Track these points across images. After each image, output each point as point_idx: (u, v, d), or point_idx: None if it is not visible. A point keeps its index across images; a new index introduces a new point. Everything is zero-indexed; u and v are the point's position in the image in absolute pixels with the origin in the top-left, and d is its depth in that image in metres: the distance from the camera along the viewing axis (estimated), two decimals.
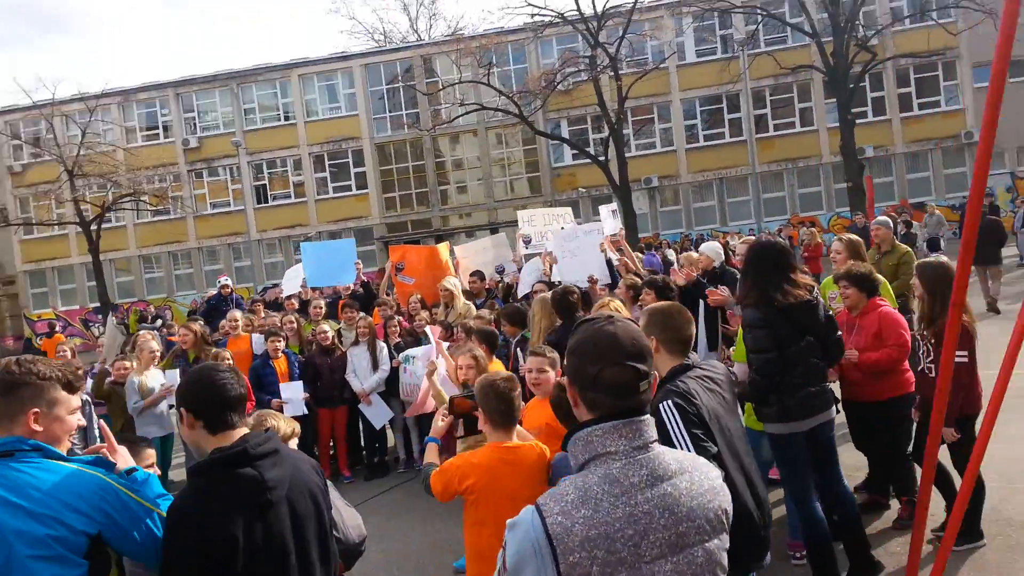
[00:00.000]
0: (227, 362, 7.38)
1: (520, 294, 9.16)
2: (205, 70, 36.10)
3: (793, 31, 31.23)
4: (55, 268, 35.91)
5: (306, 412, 7.64)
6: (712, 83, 31.84)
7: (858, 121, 27.35)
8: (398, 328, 8.22)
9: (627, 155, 28.73)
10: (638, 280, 6.43)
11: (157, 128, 35.71)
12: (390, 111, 34.95)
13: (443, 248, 10.08)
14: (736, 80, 30.23)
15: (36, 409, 2.33)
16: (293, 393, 7.67)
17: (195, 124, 35.64)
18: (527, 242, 9.85)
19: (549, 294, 6.09)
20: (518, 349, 6.17)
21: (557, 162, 34.11)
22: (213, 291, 14.68)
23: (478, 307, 8.43)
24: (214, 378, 2.46)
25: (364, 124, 34.47)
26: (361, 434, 8.48)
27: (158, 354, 8.14)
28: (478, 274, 9.39)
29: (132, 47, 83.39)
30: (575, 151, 31.83)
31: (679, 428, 2.88)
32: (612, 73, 27.39)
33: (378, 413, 8.13)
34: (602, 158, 27.65)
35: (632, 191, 28.72)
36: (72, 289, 35.97)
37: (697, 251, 8.10)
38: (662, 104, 33.36)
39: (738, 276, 7.19)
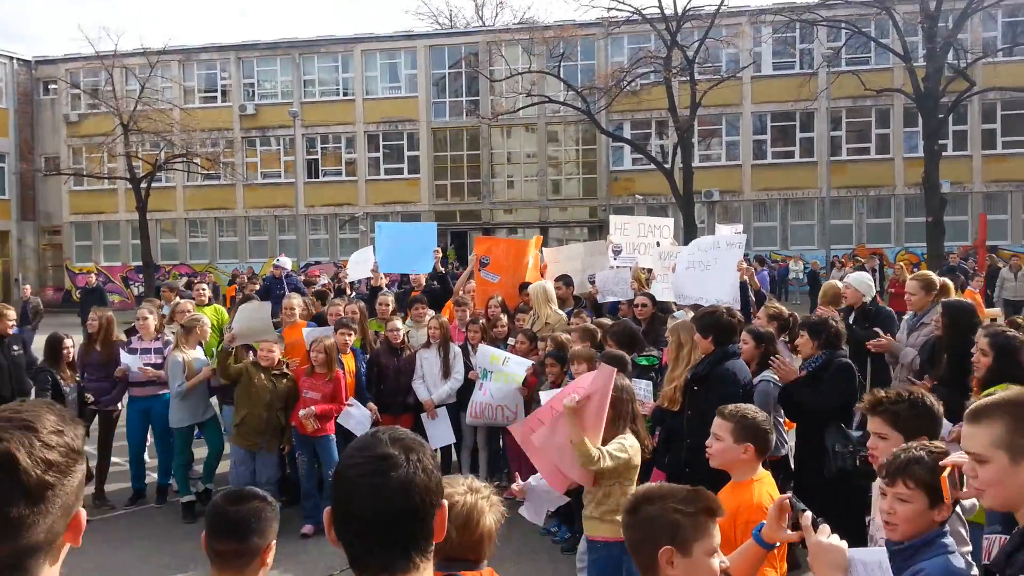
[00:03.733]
0: (272, 354, 6.52)
1: (602, 300, 8.22)
2: (267, 36, 35.44)
3: (877, 51, 29.94)
4: (101, 222, 35.66)
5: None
6: (787, 98, 30.42)
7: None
8: (479, 333, 7.28)
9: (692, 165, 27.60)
10: (784, 311, 5.39)
11: (215, 91, 35.26)
12: (450, 96, 34.16)
13: (532, 245, 9.04)
14: (813, 98, 28.95)
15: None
16: (359, 420, 6.75)
17: (253, 91, 35.13)
18: (616, 252, 8.82)
19: (691, 316, 5.06)
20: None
21: (616, 165, 33.01)
22: (264, 266, 13.48)
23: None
24: None
25: (422, 107, 33.65)
26: None
27: (209, 330, 7.37)
28: (564, 279, 8.29)
29: (196, 4, 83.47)
30: (637, 156, 30.83)
31: None
32: (687, 77, 26.27)
33: (440, 431, 7.09)
34: (667, 165, 26.58)
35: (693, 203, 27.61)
36: (116, 245, 35.70)
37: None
38: (731, 115, 32.10)
39: (892, 314, 6.20)
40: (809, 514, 2.31)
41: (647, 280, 8.39)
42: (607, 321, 6.78)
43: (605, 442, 3.83)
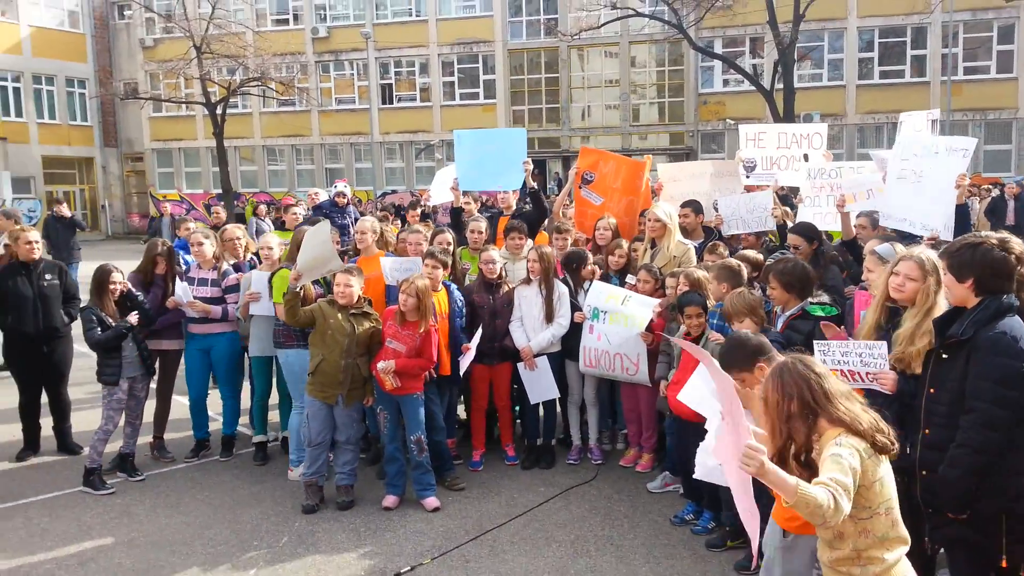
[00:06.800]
0: (351, 289, 5.50)
1: (727, 232, 6.80)
2: None
3: None
4: (182, 149, 35.86)
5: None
6: (897, 11, 27.69)
7: None
8: (596, 268, 6.10)
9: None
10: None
11: (287, 13, 34.40)
12: (527, 15, 32.36)
13: (647, 164, 7.51)
14: (929, 11, 26.13)
15: None
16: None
17: (325, 13, 34.12)
18: (750, 168, 7.40)
19: (929, 249, 3.67)
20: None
21: (705, 88, 30.86)
22: (321, 194, 10.99)
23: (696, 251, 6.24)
24: None
25: (498, 26, 31.98)
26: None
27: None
28: (693, 205, 6.80)
29: None
30: (727, 77, 28.67)
31: None
32: None
33: (540, 384, 6.04)
34: (765, 86, 24.49)
35: None
36: (197, 172, 35.91)
37: None
38: (834, 31, 29.46)
39: None
40: None
41: (792, 202, 6.94)
42: (753, 254, 5.50)
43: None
